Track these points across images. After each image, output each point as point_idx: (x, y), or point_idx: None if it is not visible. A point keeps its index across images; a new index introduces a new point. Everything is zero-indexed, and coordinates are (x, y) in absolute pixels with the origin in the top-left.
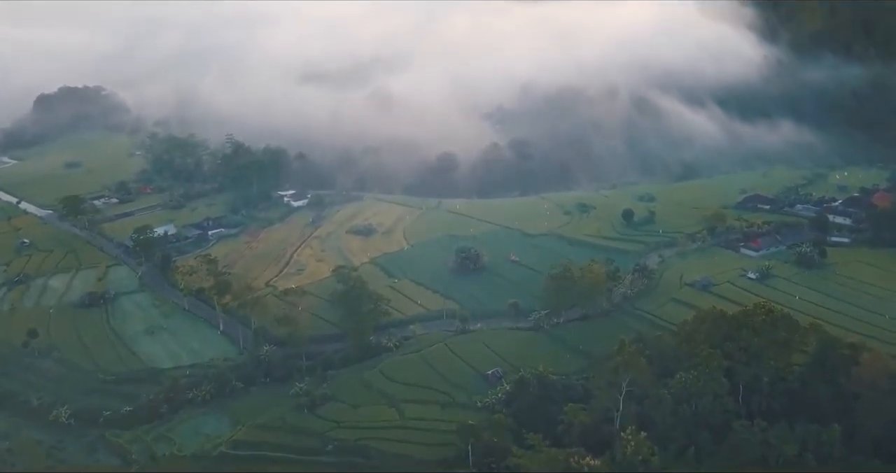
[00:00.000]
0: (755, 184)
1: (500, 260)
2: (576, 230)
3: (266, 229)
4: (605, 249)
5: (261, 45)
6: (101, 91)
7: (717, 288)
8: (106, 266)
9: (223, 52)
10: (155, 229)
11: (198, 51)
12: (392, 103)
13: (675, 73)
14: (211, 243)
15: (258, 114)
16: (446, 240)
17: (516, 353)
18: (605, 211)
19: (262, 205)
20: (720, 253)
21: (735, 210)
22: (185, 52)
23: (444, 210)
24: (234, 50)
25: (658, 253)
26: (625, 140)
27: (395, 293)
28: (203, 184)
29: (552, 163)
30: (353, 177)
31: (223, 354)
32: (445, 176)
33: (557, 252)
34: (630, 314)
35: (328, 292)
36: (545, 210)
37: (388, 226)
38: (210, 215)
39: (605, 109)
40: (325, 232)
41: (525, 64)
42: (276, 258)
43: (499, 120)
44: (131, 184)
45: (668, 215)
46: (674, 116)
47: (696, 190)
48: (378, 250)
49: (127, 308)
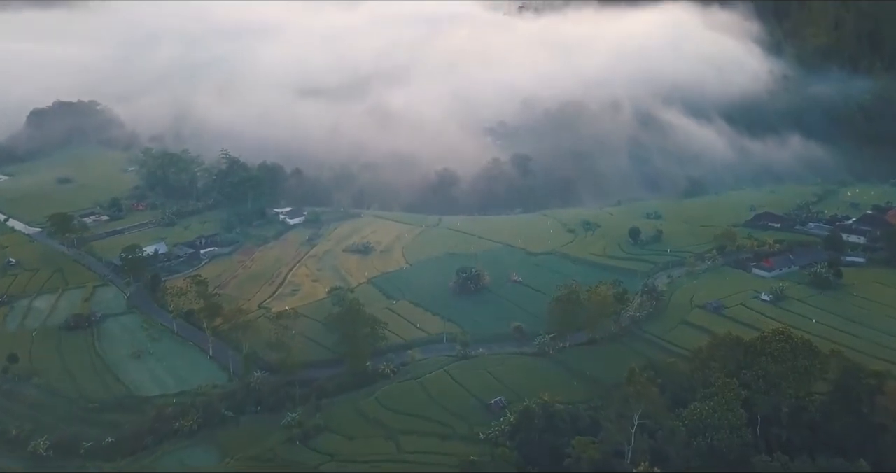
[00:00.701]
0: (764, 201)
1: (503, 281)
2: (581, 249)
3: (260, 248)
4: (612, 269)
5: (259, 59)
6: (95, 105)
7: (729, 310)
8: (93, 286)
9: (220, 67)
10: (145, 248)
11: (195, 65)
12: (391, 118)
13: (680, 86)
14: (203, 262)
15: (255, 129)
16: (446, 259)
17: (520, 381)
18: (610, 229)
19: (256, 223)
20: (731, 274)
21: (745, 228)
22: (182, 67)
23: (445, 227)
24: (232, 64)
25: (667, 273)
26: (629, 155)
27: (393, 315)
28: (197, 201)
29: (555, 179)
30: (350, 193)
31: (212, 381)
32: (445, 192)
33: (562, 272)
34: (639, 338)
35: (323, 314)
36: (548, 227)
37: (387, 245)
38: (203, 233)
39: (608, 124)
40: (322, 250)
41: (527, 78)
42: (270, 278)
43: (500, 135)
44: (123, 200)
45: (676, 233)
46: (679, 131)
47: (704, 207)
48: (376, 270)
49: (113, 331)
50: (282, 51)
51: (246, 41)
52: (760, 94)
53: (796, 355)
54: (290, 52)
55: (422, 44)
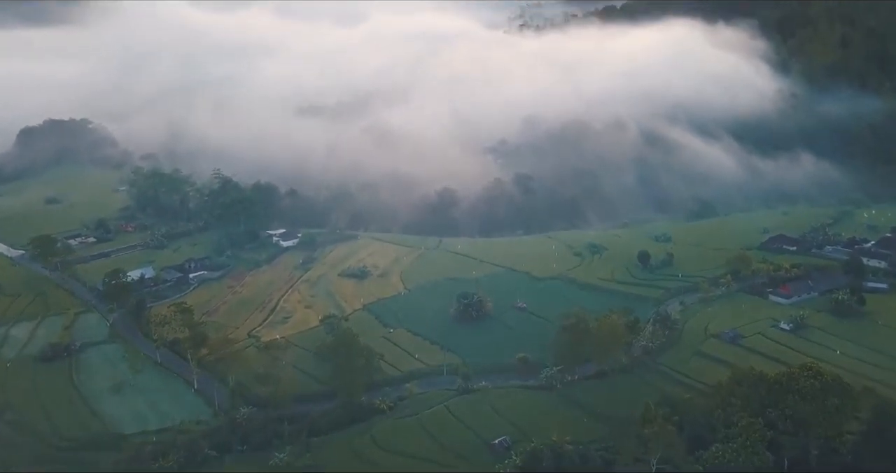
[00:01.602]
0: (777, 223)
1: (506, 307)
2: (588, 273)
3: (252, 272)
4: (621, 295)
5: (256, 78)
6: (87, 124)
7: (747, 340)
8: (75, 312)
9: (217, 85)
10: (130, 272)
11: (191, 83)
12: (390, 137)
13: (685, 104)
14: (192, 287)
15: (251, 149)
16: (447, 284)
17: (526, 417)
18: (618, 252)
19: (248, 246)
20: (747, 300)
21: (759, 251)
22: (178, 85)
23: (445, 250)
24: (228, 82)
25: (679, 299)
26: (635, 175)
27: (389, 345)
28: (188, 223)
29: (559, 200)
30: (347, 214)
31: (196, 416)
32: (446, 213)
33: (568, 298)
34: (652, 370)
35: (316, 343)
36: (553, 250)
37: (384, 269)
38: (193, 256)
39: (613, 142)
40: (316, 274)
41: (528, 96)
42: (261, 304)
43: (501, 154)
44: (112, 221)
45: (688, 257)
46: (686, 150)
47: (715, 229)
48: (372, 295)
49: (93, 361)
50: (280, 69)
51: (244, 59)
52: (768, 112)
53: (826, 393)
54: (288, 71)
55: (421, 62)
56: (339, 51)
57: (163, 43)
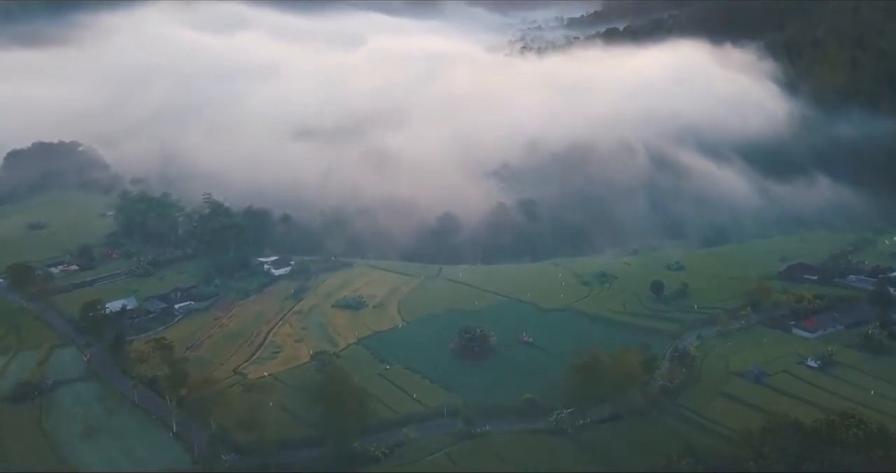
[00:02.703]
0: (795, 251)
1: (511, 342)
2: (598, 304)
3: (241, 302)
4: (634, 329)
5: (252, 100)
6: (77, 146)
7: (772, 378)
8: (51, 346)
9: (211, 107)
10: (111, 303)
11: (185, 106)
12: (388, 160)
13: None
14: (177, 318)
15: (245, 172)
16: (447, 316)
17: (535, 466)
18: (628, 281)
19: (238, 274)
20: (769, 334)
21: (778, 281)
22: (172, 107)
23: (445, 279)
24: (223, 105)
25: (696, 333)
26: (644, 199)
27: (385, 384)
28: (176, 249)
29: (565, 226)
30: (343, 241)
31: (173, 465)
32: (446, 240)
33: (578, 331)
34: (671, 412)
35: (306, 382)
36: (560, 279)
37: (381, 299)
38: (179, 285)
39: (620, 166)
40: (308, 305)
41: (531, 119)
42: (249, 337)
43: (504, 178)
44: (97, 248)
45: (703, 287)
46: (697, 173)
47: (730, 257)
48: (368, 328)
49: (65, 402)
50: (276, 92)
51: (239, 82)
52: (780, 135)
53: (870, 444)
54: (284, 93)
55: (421, 84)
56: (337, 73)
57: (157, 65)
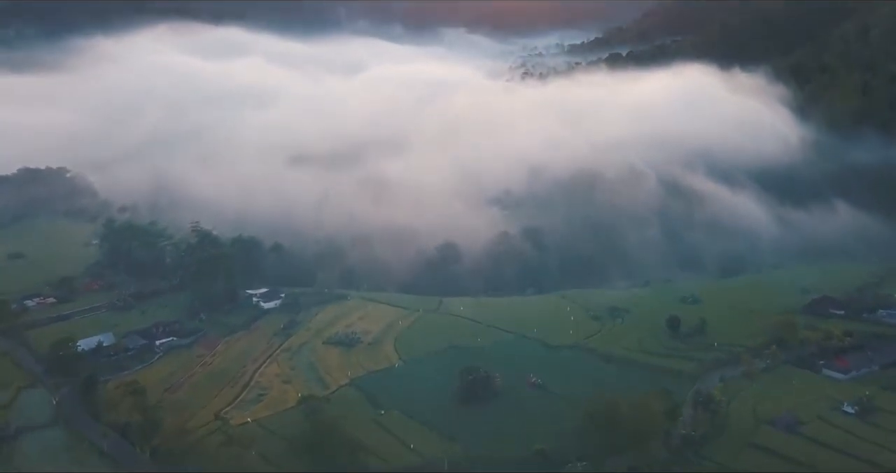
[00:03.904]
0: (816, 282)
1: (518, 383)
2: (610, 341)
3: (226, 339)
4: (651, 369)
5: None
6: (64, 173)
7: (806, 427)
8: (18, 388)
9: (205, 133)
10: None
11: (179, 132)
12: (386, 188)
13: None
14: (157, 356)
15: (238, 200)
16: (448, 355)
17: None
18: (642, 315)
19: (225, 307)
20: (798, 376)
21: (802, 316)
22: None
23: (446, 312)
24: (218, 131)
25: (718, 373)
26: (655, 227)
27: (379, 432)
28: (162, 281)
29: (572, 256)
30: (337, 271)
31: None
32: (447, 270)
33: (590, 372)
34: (697, 466)
35: (292, 428)
36: (569, 313)
37: (376, 335)
38: (162, 319)
39: (629, 193)
40: (298, 342)
41: (534, 145)
42: (234, 378)
43: (506, 205)
44: (78, 279)
45: (722, 322)
46: (710, 200)
47: (748, 289)
48: (362, 367)
49: (29, 452)
50: (272, 118)
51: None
52: (794, 160)
53: None
54: (281, 119)
55: (420, 111)
56: (336, 99)
57: (152, 91)
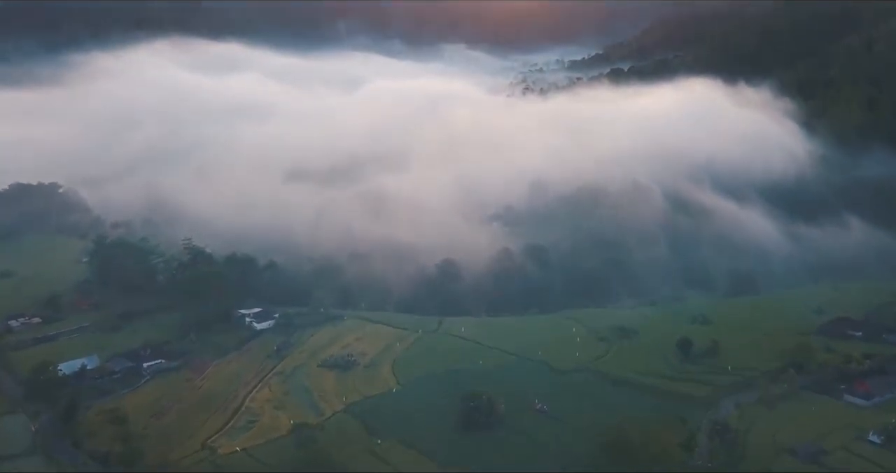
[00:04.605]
0: (831, 302)
1: (523, 409)
2: (619, 364)
3: (217, 361)
4: (662, 394)
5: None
6: (57, 188)
7: (830, 457)
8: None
9: (202, 149)
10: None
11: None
12: (386, 203)
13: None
14: (144, 380)
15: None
16: (449, 378)
17: None
18: (650, 336)
19: (217, 328)
20: (817, 402)
21: (819, 337)
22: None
23: (446, 333)
24: (215, 146)
25: (733, 399)
26: (662, 244)
27: (376, 462)
28: (153, 299)
29: (576, 273)
30: (334, 290)
31: None
32: (447, 289)
33: (599, 397)
34: None
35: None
36: (574, 334)
37: (374, 357)
38: (152, 339)
39: (634, 208)
40: (292, 365)
41: (536, 160)
42: (223, 403)
43: (508, 221)
44: (66, 297)
45: (734, 344)
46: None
47: (759, 308)
48: (358, 392)
49: None
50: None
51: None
52: (804, 174)
53: None
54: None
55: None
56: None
57: (149, 106)
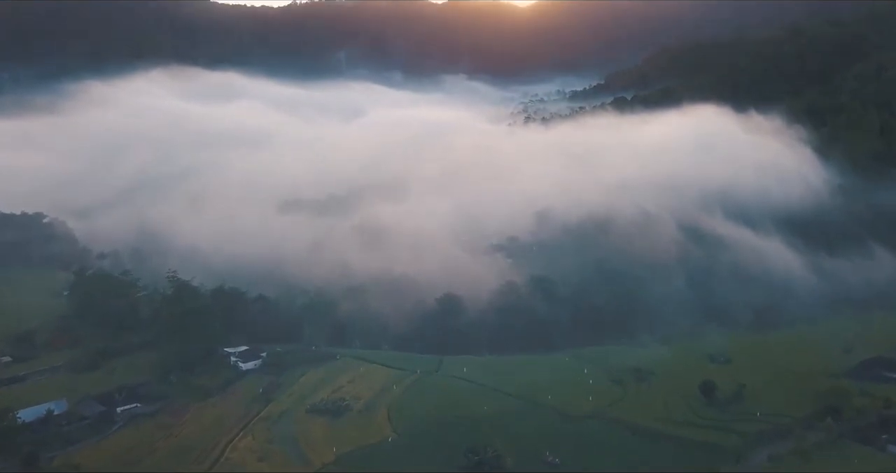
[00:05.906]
0: (860, 339)
1: (532, 462)
2: (636, 410)
3: (198, 404)
4: (686, 443)
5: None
6: (41, 218)
7: None
8: None
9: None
10: (25, 411)
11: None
12: (384, 234)
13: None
14: (117, 426)
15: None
16: (449, 426)
17: None
18: (669, 378)
19: (200, 368)
20: (857, 452)
21: (853, 380)
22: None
23: (446, 374)
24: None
25: (765, 450)
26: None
27: None
28: (132, 336)
29: (585, 308)
30: (327, 326)
31: None
32: (448, 325)
33: (617, 448)
34: None
35: None
36: (586, 376)
37: (368, 401)
38: (128, 381)
39: (646, 239)
40: (278, 409)
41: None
42: (201, 453)
43: (511, 253)
44: (42, 334)
45: (761, 387)
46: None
47: (783, 346)
48: (350, 442)
49: None
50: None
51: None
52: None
53: None
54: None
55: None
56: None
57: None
